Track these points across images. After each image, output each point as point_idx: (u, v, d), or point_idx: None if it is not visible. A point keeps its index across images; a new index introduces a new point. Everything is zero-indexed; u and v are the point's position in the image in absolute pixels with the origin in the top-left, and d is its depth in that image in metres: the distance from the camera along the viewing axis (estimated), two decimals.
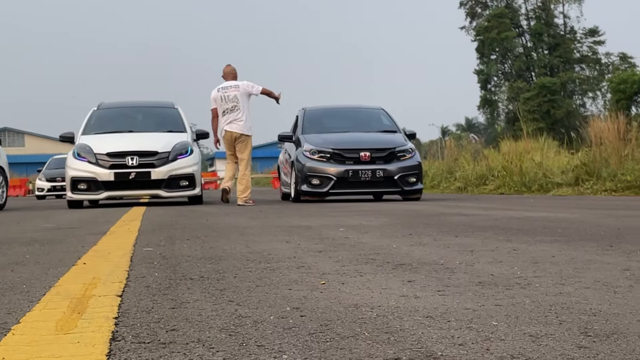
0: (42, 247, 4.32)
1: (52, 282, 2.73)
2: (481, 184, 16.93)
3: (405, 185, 11.14)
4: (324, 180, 11.17)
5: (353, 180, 11.07)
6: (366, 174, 11.03)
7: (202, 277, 2.80)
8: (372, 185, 11.23)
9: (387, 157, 11.22)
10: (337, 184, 11.12)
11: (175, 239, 4.61)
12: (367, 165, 11.08)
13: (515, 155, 16.46)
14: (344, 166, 11.12)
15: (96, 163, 10.98)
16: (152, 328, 1.86)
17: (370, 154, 11.13)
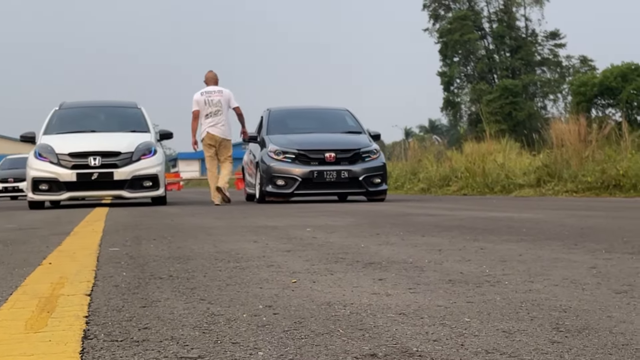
0: (5, 247, 4.25)
1: (19, 282, 2.69)
2: (445, 185, 17.07)
3: (370, 186, 11.18)
4: (289, 181, 11.16)
5: (318, 181, 11.08)
6: (331, 174, 11.05)
7: (172, 276, 2.77)
8: (337, 186, 11.25)
9: (352, 158, 11.26)
10: (302, 185, 11.12)
11: (141, 239, 4.57)
12: (332, 166, 11.10)
13: (478, 156, 16.63)
14: (309, 167, 11.12)
15: (58, 163, 10.83)
16: (124, 326, 1.84)
17: (335, 155, 11.15)
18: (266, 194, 11.39)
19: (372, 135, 12.18)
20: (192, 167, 60.74)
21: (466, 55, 47.65)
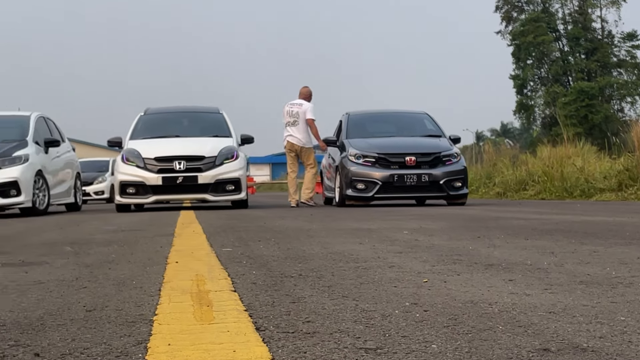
0: (121, 247, 4.44)
1: (158, 279, 2.84)
2: (521, 189, 16.86)
3: (450, 190, 11.17)
4: (369, 185, 11.23)
5: (398, 184, 11.12)
6: (412, 178, 11.08)
7: (301, 275, 2.88)
8: (417, 189, 11.27)
9: (432, 161, 11.27)
10: (383, 189, 11.17)
11: (247, 241, 4.71)
12: (413, 170, 11.13)
13: (555, 160, 16.39)
14: (390, 171, 11.18)
15: (144, 167, 11.15)
16: (287, 320, 1.95)
17: (415, 159, 11.18)
18: (346, 198, 11.49)
19: (452, 139, 12.17)
20: (263, 171, 61.40)
21: (540, 58, 46.90)
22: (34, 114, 12.40)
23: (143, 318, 2.02)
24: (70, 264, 3.51)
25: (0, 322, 2.00)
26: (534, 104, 47.77)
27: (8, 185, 10.63)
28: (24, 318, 2.07)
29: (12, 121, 12.39)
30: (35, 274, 3.14)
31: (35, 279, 2.94)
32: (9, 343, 1.73)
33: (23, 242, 5.21)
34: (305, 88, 12.52)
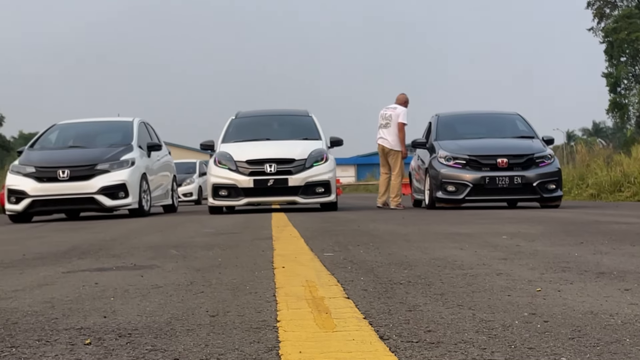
0: (224, 251, 4.56)
1: (270, 284, 2.91)
2: (616, 190, 16.37)
3: (544, 192, 10.96)
4: (460, 187, 11.13)
5: (490, 187, 10.98)
6: (504, 180, 10.92)
7: (410, 282, 2.91)
8: (509, 192, 11.10)
9: (525, 163, 11.08)
10: (474, 191, 11.05)
11: (346, 245, 4.75)
12: (504, 172, 10.97)
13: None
14: (481, 173, 11.05)
15: (236, 170, 11.36)
16: (408, 329, 1.97)
17: (507, 160, 11.02)
18: (436, 200, 11.42)
19: (545, 140, 11.93)
20: (348, 172, 61.57)
21: (634, 55, 45.35)
22: (136, 120, 12.97)
23: (266, 324, 2.08)
24: (181, 268, 3.63)
25: (132, 327, 2.10)
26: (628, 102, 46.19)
27: (117, 187, 11.26)
28: (153, 322, 2.16)
29: (116, 126, 13.02)
30: (151, 277, 3.26)
31: (152, 283, 3.05)
32: (146, 348, 1.82)
33: (129, 244, 5.40)
34: (402, 95, 12.69)
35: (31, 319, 2.27)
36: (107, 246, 5.28)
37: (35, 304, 2.59)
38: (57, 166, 11.25)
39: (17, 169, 11.52)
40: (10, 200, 11.32)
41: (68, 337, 1.97)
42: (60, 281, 3.23)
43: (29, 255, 4.71)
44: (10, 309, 2.48)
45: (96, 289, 2.92)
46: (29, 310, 2.45)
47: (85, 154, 11.69)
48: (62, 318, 2.27)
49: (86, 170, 11.25)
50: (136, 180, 11.55)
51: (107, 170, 11.35)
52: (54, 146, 12.41)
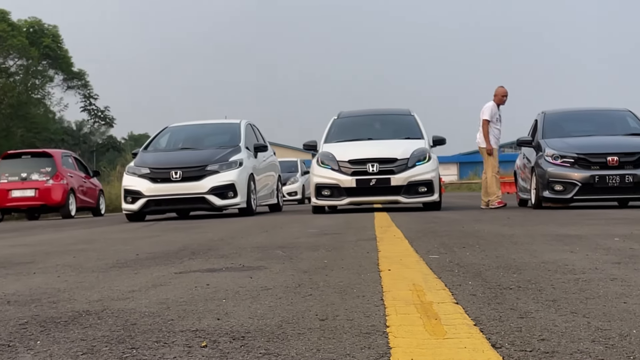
0: (329, 252, 4.60)
1: (377, 287, 2.92)
2: None
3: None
4: (568, 186, 10.83)
5: (599, 186, 10.64)
6: (614, 179, 10.56)
7: (520, 287, 2.85)
8: (620, 191, 10.72)
9: (637, 161, 10.68)
10: (582, 190, 10.73)
11: (451, 247, 4.71)
12: (615, 170, 10.61)
13: None
14: (590, 171, 10.72)
15: (339, 170, 11.44)
16: (520, 337, 1.94)
17: (618, 159, 10.65)
18: (543, 200, 11.17)
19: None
20: (450, 170, 60.89)
21: None
22: (243, 122, 13.41)
23: (376, 329, 2.09)
24: (288, 270, 3.69)
25: (245, 330, 2.15)
26: None
27: (226, 187, 11.74)
28: (265, 326, 2.21)
29: (224, 128, 13.51)
30: (260, 279, 3.33)
31: (261, 285, 3.12)
32: (260, 351, 1.86)
33: (236, 245, 5.52)
34: (497, 88, 12.61)
35: (148, 320, 2.36)
36: (216, 246, 5.42)
37: (151, 304, 2.69)
38: (170, 167, 11.75)
39: (133, 170, 12.07)
40: (126, 200, 11.90)
41: (184, 339, 2.04)
42: (174, 282, 3.34)
43: (141, 255, 4.89)
44: (129, 310, 2.59)
45: (208, 291, 3.01)
46: (145, 311, 2.55)
47: (196, 156, 12.16)
48: (177, 320, 2.35)
49: (197, 171, 11.73)
50: (244, 181, 11.94)
51: (217, 171, 11.78)
52: (166, 148, 12.94)
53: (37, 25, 49.50)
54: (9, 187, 16.62)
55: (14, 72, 48.60)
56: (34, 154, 17.63)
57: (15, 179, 16.73)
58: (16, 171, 16.86)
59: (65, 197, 16.86)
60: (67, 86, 52.56)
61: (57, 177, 16.82)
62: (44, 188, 16.68)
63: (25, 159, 17.30)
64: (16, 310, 2.67)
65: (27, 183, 16.69)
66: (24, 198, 16.54)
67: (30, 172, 16.84)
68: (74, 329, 2.25)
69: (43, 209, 17.26)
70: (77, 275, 3.82)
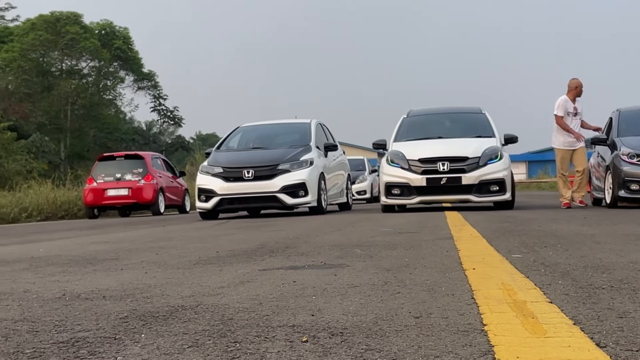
0: (407, 251, 4.60)
1: (465, 286, 2.91)
2: None
3: None
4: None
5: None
6: None
7: (612, 287, 2.81)
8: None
9: None
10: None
11: (532, 246, 4.65)
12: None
13: None
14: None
15: (409, 169, 11.39)
16: (623, 337, 1.91)
17: None
18: (618, 199, 10.91)
19: None
20: (519, 169, 59.89)
21: None
22: (313, 121, 13.53)
23: (473, 327, 2.09)
24: (370, 267, 3.71)
25: (342, 326, 2.18)
26: None
27: (297, 186, 11.89)
28: (360, 322, 2.23)
29: (295, 128, 13.65)
30: (344, 277, 3.35)
31: (348, 282, 3.14)
32: (362, 347, 1.88)
33: (313, 243, 5.56)
34: (570, 80, 12.13)
35: (244, 315, 2.40)
36: (293, 244, 5.47)
37: (243, 300, 2.74)
38: (242, 166, 11.95)
39: (206, 169, 12.31)
40: (200, 199, 12.16)
41: (284, 334, 2.07)
42: (260, 279, 3.39)
43: (222, 253, 4.97)
44: (222, 305, 2.64)
45: (296, 287, 3.04)
46: (239, 306, 2.60)
47: (268, 155, 12.32)
48: (272, 315, 2.39)
49: (269, 170, 11.89)
50: (315, 179, 12.05)
51: (288, 170, 11.92)
52: (238, 148, 13.14)
53: (109, 28, 50.73)
54: (104, 186, 18.00)
55: (87, 73, 49.91)
56: (127, 156, 18.97)
57: (110, 179, 18.14)
58: (111, 172, 18.30)
59: (155, 196, 18.22)
60: (138, 87, 53.73)
61: (148, 178, 18.22)
62: (137, 187, 18.05)
63: (119, 161, 18.71)
64: (113, 305, 2.76)
65: (121, 183, 18.07)
66: (118, 197, 17.93)
67: (123, 173, 18.27)
68: (174, 323, 2.31)
69: (135, 206, 18.60)
70: (163, 271, 3.91)
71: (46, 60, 47.71)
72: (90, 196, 18.00)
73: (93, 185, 18.08)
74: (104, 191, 17.97)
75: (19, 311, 2.70)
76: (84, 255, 5.25)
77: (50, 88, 46.39)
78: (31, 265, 4.60)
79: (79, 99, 46.58)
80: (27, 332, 2.26)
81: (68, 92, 45.77)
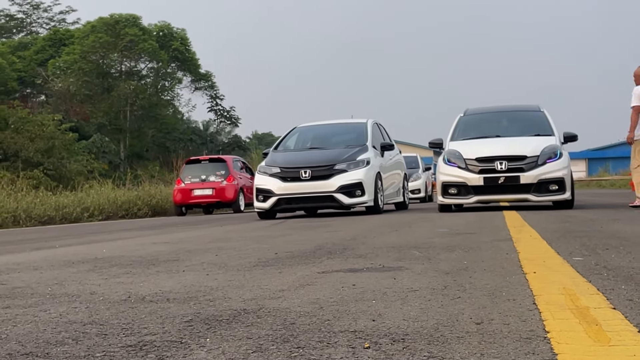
0: (466, 253, 4.58)
1: (526, 291, 2.89)
2: None
3: None
4: None
5: None
6: None
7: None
8: None
9: None
10: None
11: (594, 249, 4.58)
12: None
13: None
14: None
15: (466, 168, 11.31)
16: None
17: None
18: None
19: None
20: (578, 167, 58.81)
21: None
22: (369, 121, 13.59)
23: (536, 335, 2.08)
24: (429, 271, 3.71)
25: (403, 332, 2.19)
26: None
27: (354, 186, 11.97)
28: (421, 328, 2.24)
29: (351, 128, 13.72)
30: (404, 280, 3.36)
31: (407, 286, 3.15)
32: (423, 354, 1.90)
33: (370, 244, 5.58)
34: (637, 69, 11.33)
35: (306, 320, 2.43)
36: (351, 246, 5.49)
37: (303, 304, 2.78)
38: (299, 167, 12.05)
39: (264, 169, 12.45)
40: (258, 199, 12.31)
41: (346, 339, 2.10)
42: (319, 282, 3.42)
43: (280, 254, 5.02)
44: (284, 309, 2.68)
45: (355, 291, 3.07)
46: (300, 310, 2.63)
47: (324, 155, 12.38)
48: (333, 320, 2.42)
49: (326, 170, 11.96)
50: (371, 179, 12.08)
51: (345, 169, 11.97)
52: (295, 148, 13.23)
53: (167, 29, 51.48)
54: (191, 187, 20.00)
55: (145, 74, 50.76)
56: (211, 160, 21.03)
57: (197, 180, 20.12)
58: (197, 174, 20.30)
59: (236, 195, 20.11)
60: (195, 87, 54.41)
61: (230, 179, 20.16)
62: (220, 188, 19.94)
63: (204, 164, 20.68)
64: (178, 308, 2.82)
65: (206, 184, 19.97)
66: (204, 196, 19.85)
67: (208, 175, 20.21)
68: (237, 327, 2.35)
69: (218, 205, 20.46)
70: (224, 273, 3.97)
71: (106, 62, 48.67)
72: (178, 196, 19.93)
73: (181, 185, 20.06)
74: (190, 191, 19.85)
75: (87, 313, 2.79)
76: (146, 256, 5.36)
77: (110, 89, 47.32)
78: (95, 267, 4.72)
79: (138, 99, 47.41)
80: (97, 335, 2.33)
81: (127, 93, 46.60)
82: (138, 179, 27.18)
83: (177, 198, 20.01)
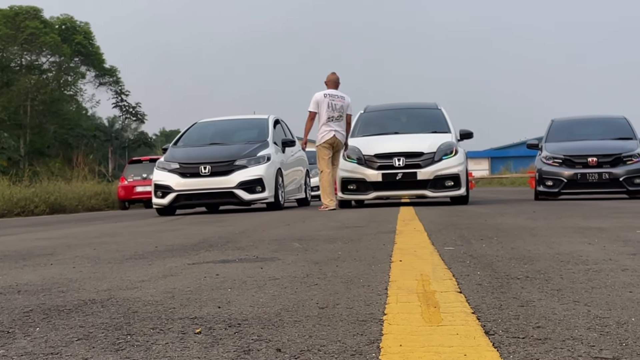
0: (345, 244, 4.59)
1: (384, 277, 2.91)
2: None
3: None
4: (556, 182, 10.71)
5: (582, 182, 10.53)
6: (593, 176, 10.44)
7: (528, 277, 2.83)
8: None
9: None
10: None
11: (469, 239, 4.68)
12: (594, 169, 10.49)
13: None
14: (574, 170, 10.60)
15: (365, 164, 11.40)
16: (516, 324, 1.92)
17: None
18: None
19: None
20: (482, 165, 60.41)
21: None
22: (270, 117, 13.54)
23: (373, 317, 2.08)
24: (300, 261, 3.70)
25: (243, 317, 2.16)
26: None
27: (254, 182, 11.89)
28: (263, 313, 2.21)
29: (252, 124, 13.66)
30: (270, 270, 3.34)
31: (270, 275, 3.12)
32: (252, 337, 1.87)
33: (255, 237, 5.54)
34: (334, 75, 11.52)
35: (150, 308, 2.37)
36: (235, 239, 5.44)
37: (157, 294, 2.71)
38: (199, 162, 11.89)
39: (163, 165, 12.22)
40: (157, 195, 12.07)
41: (181, 326, 2.05)
42: (184, 272, 3.36)
43: (160, 248, 4.92)
44: (133, 299, 2.61)
45: (216, 280, 3.02)
46: (150, 299, 2.57)
47: (225, 151, 12.27)
48: (179, 308, 2.37)
49: (225, 166, 11.84)
50: (272, 175, 12.03)
51: (245, 165, 11.87)
52: (195, 143, 13.04)
53: (69, 23, 50.11)
54: (134, 184, 21.37)
55: (47, 69, 49.25)
56: (151, 160, 21.73)
57: (138, 178, 21.45)
58: (138, 172, 21.67)
59: None
60: (99, 82, 53.15)
61: None
62: None
63: (145, 163, 21.95)
64: (24, 299, 2.71)
65: (147, 181, 20.28)
66: (145, 192, 20.62)
67: (149, 173, 20.50)
68: (75, 317, 2.27)
69: None
70: (92, 266, 3.86)
71: (5, 55, 46.99)
72: (122, 192, 21.48)
73: (124, 183, 21.63)
74: (133, 188, 21.34)
75: None
76: (21, 251, 5.17)
77: (10, 83, 45.71)
78: None
79: (39, 94, 45.97)
80: None
81: (28, 88, 45.14)
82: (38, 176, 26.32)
83: (121, 194, 21.52)
